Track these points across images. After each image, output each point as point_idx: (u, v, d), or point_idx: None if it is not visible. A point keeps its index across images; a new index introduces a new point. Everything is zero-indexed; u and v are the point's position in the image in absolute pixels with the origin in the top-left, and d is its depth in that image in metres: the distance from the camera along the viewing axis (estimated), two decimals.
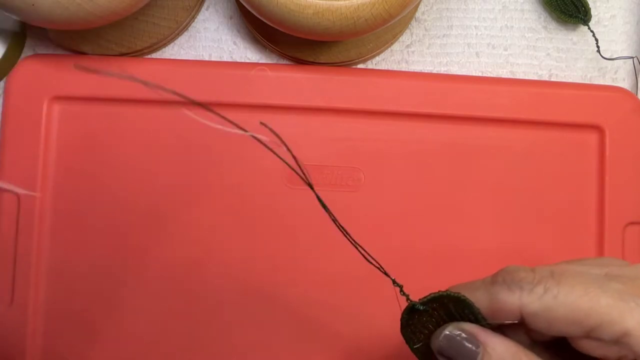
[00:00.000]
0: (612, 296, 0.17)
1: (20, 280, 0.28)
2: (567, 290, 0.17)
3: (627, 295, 0.17)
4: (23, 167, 0.29)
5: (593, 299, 0.17)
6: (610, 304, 0.17)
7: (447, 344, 0.19)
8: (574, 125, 0.30)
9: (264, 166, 0.30)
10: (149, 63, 0.30)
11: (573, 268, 0.19)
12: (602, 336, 0.17)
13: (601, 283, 0.18)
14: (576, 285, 0.18)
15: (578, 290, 0.17)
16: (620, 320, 0.17)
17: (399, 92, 0.30)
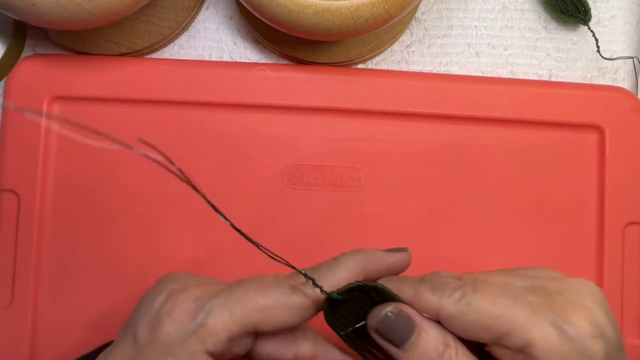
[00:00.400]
0: (523, 308, 0.19)
1: (20, 281, 0.28)
2: (481, 298, 0.19)
3: (538, 308, 0.19)
4: (23, 167, 0.29)
5: (504, 309, 0.19)
6: (519, 315, 0.18)
7: (385, 323, 0.20)
8: (574, 125, 0.30)
9: (263, 166, 0.30)
10: (149, 63, 0.30)
11: (497, 278, 0.20)
12: (509, 344, 0.19)
13: (517, 294, 0.19)
14: (491, 294, 0.19)
15: (491, 299, 0.19)
16: (527, 330, 0.18)
17: (399, 92, 0.30)
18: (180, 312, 0.20)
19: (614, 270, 0.30)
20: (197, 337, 0.19)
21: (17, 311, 0.28)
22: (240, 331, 0.20)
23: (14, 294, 0.28)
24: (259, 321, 0.20)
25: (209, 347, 0.19)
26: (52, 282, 0.29)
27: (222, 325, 0.19)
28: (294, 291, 0.21)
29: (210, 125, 0.30)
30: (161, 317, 0.20)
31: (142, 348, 0.20)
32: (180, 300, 0.20)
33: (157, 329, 0.20)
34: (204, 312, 0.20)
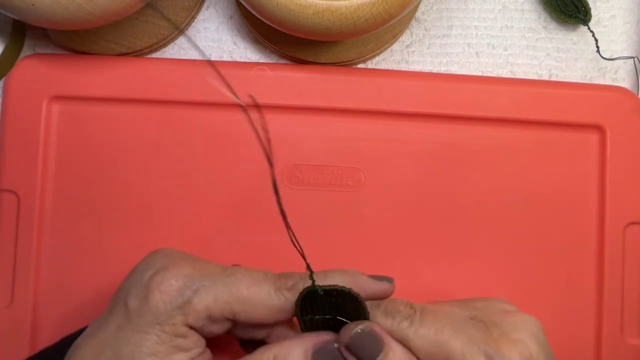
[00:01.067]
0: (462, 338, 0.21)
1: (20, 281, 0.28)
2: (426, 327, 0.21)
3: (475, 339, 0.21)
4: (23, 167, 0.29)
5: (445, 337, 0.21)
6: (457, 345, 0.21)
7: (356, 340, 0.21)
8: (575, 125, 0.30)
9: (263, 166, 0.30)
10: (148, 63, 0.30)
11: (445, 308, 0.23)
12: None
13: (459, 325, 0.22)
14: (435, 324, 0.21)
15: (435, 328, 0.21)
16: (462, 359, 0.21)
17: (400, 92, 0.30)
18: (170, 286, 0.21)
19: (614, 270, 0.30)
20: (182, 311, 0.21)
21: (17, 311, 0.28)
22: (219, 316, 0.22)
23: (14, 294, 0.28)
24: (239, 311, 0.22)
25: (190, 321, 0.21)
26: (52, 282, 0.29)
27: (204, 306, 0.21)
28: (277, 292, 0.22)
29: (210, 125, 0.30)
30: (152, 288, 0.21)
31: (132, 316, 0.21)
32: (170, 275, 0.22)
33: (147, 299, 0.21)
34: (192, 290, 0.21)
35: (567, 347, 0.30)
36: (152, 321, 0.21)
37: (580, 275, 0.30)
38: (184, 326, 0.21)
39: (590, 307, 0.30)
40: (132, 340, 0.21)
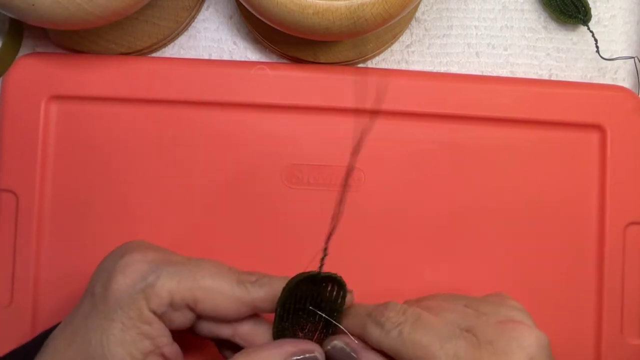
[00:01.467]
0: (447, 355, 0.21)
1: (19, 281, 0.28)
2: (414, 339, 0.21)
3: (463, 356, 0.21)
4: (21, 166, 0.29)
5: (429, 353, 0.21)
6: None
7: (334, 351, 0.23)
8: (576, 124, 0.30)
9: (263, 166, 0.30)
10: (147, 62, 0.30)
11: (439, 317, 0.22)
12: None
13: (449, 338, 0.21)
14: (423, 337, 0.21)
15: (423, 341, 0.21)
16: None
17: (400, 92, 0.29)
18: (133, 270, 0.22)
19: (615, 270, 0.30)
20: (144, 294, 0.21)
21: (16, 311, 0.28)
22: (181, 302, 0.21)
23: (14, 294, 0.28)
24: (200, 299, 0.22)
25: (153, 306, 0.21)
26: (51, 282, 0.29)
27: (167, 290, 0.21)
28: (239, 285, 0.22)
29: (209, 125, 0.30)
30: (116, 272, 0.22)
31: (98, 302, 0.22)
32: (135, 259, 0.22)
33: (110, 284, 0.21)
34: (155, 274, 0.21)
35: (567, 347, 0.30)
36: (115, 306, 0.21)
37: (581, 275, 0.30)
38: (148, 311, 0.21)
39: (590, 307, 0.30)
40: (99, 328, 0.21)
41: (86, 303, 0.22)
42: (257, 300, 0.22)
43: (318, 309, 0.23)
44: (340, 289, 0.23)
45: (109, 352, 0.20)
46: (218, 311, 0.22)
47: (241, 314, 0.22)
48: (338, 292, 0.23)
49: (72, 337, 0.21)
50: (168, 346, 0.22)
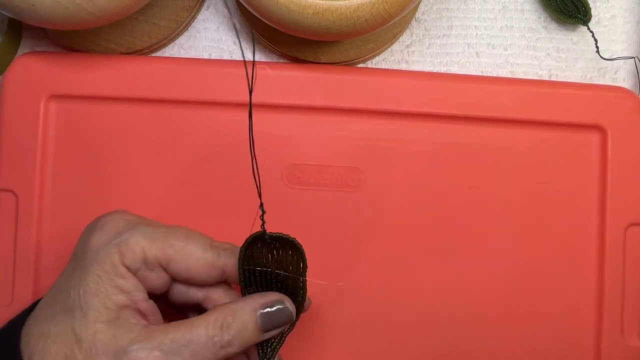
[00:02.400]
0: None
1: (20, 280, 0.28)
2: None
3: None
4: (21, 166, 0.29)
5: None
6: None
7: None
8: (576, 125, 0.30)
9: (263, 165, 0.30)
10: (147, 61, 0.30)
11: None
12: None
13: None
14: None
15: None
16: None
17: (401, 92, 0.29)
18: (110, 227, 0.23)
19: (615, 271, 0.30)
20: (118, 249, 0.22)
21: (18, 310, 0.28)
22: (154, 259, 0.22)
23: (14, 294, 0.28)
24: (173, 259, 0.22)
25: (126, 261, 0.22)
26: (51, 281, 0.28)
27: (140, 247, 0.22)
28: (211, 249, 0.23)
29: (209, 125, 0.29)
30: (94, 230, 0.23)
31: (78, 260, 0.23)
32: (113, 218, 0.23)
33: (88, 240, 0.23)
34: (130, 232, 0.22)
35: (567, 348, 0.30)
36: (92, 259, 0.22)
37: (581, 276, 0.30)
38: (121, 266, 0.22)
39: (590, 308, 0.30)
40: (78, 281, 0.22)
41: (71, 262, 0.23)
42: (227, 265, 0.23)
43: (284, 277, 0.23)
44: (299, 253, 0.23)
45: (85, 303, 0.21)
46: (190, 272, 0.23)
47: (212, 278, 0.23)
48: (298, 257, 0.23)
49: (57, 292, 0.22)
50: (143, 302, 0.22)
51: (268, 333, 0.22)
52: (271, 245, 0.23)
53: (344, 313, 0.29)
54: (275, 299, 0.23)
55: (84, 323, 0.21)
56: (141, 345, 0.21)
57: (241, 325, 0.22)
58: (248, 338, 0.22)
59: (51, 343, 0.21)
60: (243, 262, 0.23)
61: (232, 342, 0.22)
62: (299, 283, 0.23)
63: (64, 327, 0.21)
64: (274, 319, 0.22)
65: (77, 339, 0.21)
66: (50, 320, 0.21)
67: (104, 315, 0.21)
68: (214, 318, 0.22)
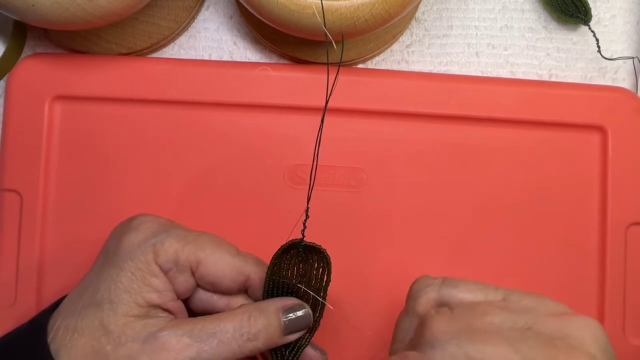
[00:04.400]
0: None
1: (23, 280, 0.28)
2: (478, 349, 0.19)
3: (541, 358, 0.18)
4: (25, 166, 0.29)
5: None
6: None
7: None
8: (577, 125, 0.30)
9: (266, 166, 0.30)
10: (151, 62, 0.30)
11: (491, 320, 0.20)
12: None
13: (516, 340, 0.19)
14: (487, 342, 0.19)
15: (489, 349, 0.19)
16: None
17: (403, 93, 0.29)
18: (145, 227, 0.23)
19: (616, 271, 0.30)
20: (153, 249, 0.22)
21: (20, 311, 0.28)
22: (185, 262, 0.23)
23: (17, 294, 0.28)
24: (203, 262, 0.23)
25: (160, 261, 0.22)
26: (55, 281, 0.29)
27: (174, 248, 0.23)
28: (239, 255, 0.24)
29: (212, 125, 0.30)
30: (129, 229, 0.23)
31: (110, 255, 0.23)
32: (148, 220, 0.24)
33: (123, 239, 0.23)
34: (165, 233, 0.23)
35: None
36: (126, 257, 0.22)
37: (582, 275, 0.30)
38: (155, 264, 0.22)
39: (592, 308, 0.30)
40: (108, 277, 0.22)
41: (100, 259, 0.24)
42: (252, 272, 0.24)
43: (305, 292, 0.24)
44: (326, 265, 0.24)
45: (116, 297, 0.22)
46: (217, 276, 0.23)
47: (237, 284, 0.24)
48: (324, 269, 0.24)
49: (84, 289, 0.23)
50: (173, 302, 0.23)
51: (288, 336, 0.23)
52: (300, 257, 0.24)
53: (344, 313, 0.29)
54: (296, 303, 0.23)
55: (112, 315, 0.21)
56: (171, 331, 0.21)
57: (267, 321, 0.22)
58: (272, 335, 0.22)
59: (78, 336, 0.21)
60: (271, 272, 0.23)
61: (258, 335, 0.22)
62: (319, 301, 0.24)
63: (91, 320, 0.21)
64: (295, 321, 0.23)
65: (105, 331, 0.21)
66: (77, 314, 0.22)
67: (134, 310, 0.22)
68: (241, 312, 0.22)
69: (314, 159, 0.23)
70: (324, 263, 0.24)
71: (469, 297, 0.22)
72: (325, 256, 0.24)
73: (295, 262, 0.24)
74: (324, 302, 0.24)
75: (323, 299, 0.24)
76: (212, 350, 0.21)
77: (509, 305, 0.21)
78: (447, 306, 0.22)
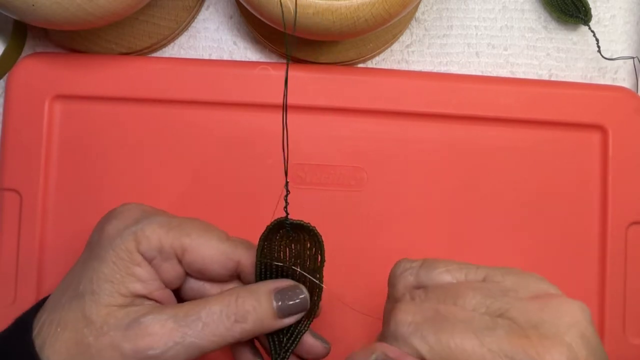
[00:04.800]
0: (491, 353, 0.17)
1: (23, 279, 0.28)
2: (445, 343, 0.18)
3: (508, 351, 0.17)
4: (25, 165, 0.29)
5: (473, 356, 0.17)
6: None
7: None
8: (578, 125, 0.30)
9: (265, 165, 0.30)
10: (151, 62, 0.30)
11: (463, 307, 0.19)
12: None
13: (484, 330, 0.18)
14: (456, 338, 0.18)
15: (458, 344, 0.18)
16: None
17: (403, 92, 0.29)
18: (127, 215, 0.22)
19: (617, 270, 0.30)
20: (135, 236, 0.21)
21: (20, 309, 0.28)
22: (170, 249, 0.22)
23: (17, 293, 0.28)
24: (189, 248, 0.22)
25: (142, 249, 0.21)
26: (54, 280, 0.29)
27: (157, 235, 0.22)
28: (228, 240, 0.23)
29: (212, 125, 0.29)
30: (111, 218, 0.23)
31: (93, 247, 0.22)
32: (130, 207, 0.23)
33: (105, 227, 0.22)
34: (147, 220, 0.22)
35: None
36: (107, 246, 0.21)
37: (583, 275, 0.30)
38: (137, 253, 0.21)
39: (592, 307, 0.30)
40: (91, 268, 0.21)
41: (84, 252, 0.23)
42: (243, 257, 0.23)
43: (300, 274, 0.22)
44: (318, 243, 0.22)
45: (98, 287, 0.21)
46: (205, 263, 0.22)
47: (227, 270, 0.23)
48: (317, 249, 0.22)
49: (69, 282, 0.22)
50: (160, 290, 0.22)
51: (284, 319, 0.22)
52: (290, 237, 0.22)
53: (344, 313, 0.29)
54: (290, 284, 0.22)
55: (94, 306, 0.21)
56: (154, 315, 0.20)
57: (256, 302, 0.21)
58: (263, 317, 0.21)
59: (61, 330, 0.20)
60: (261, 254, 0.22)
61: (246, 317, 0.21)
62: (315, 284, 0.22)
63: (74, 312, 0.21)
64: (289, 302, 0.22)
65: (87, 322, 0.20)
66: (60, 308, 0.21)
67: (117, 300, 0.21)
68: (228, 293, 0.21)
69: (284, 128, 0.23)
70: (315, 242, 0.22)
71: (448, 278, 0.21)
72: (316, 234, 0.22)
73: (286, 242, 0.23)
74: (321, 285, 0.22)
75: (320, 281, 0.22)
76: (197, 334, 0.20)
77: (488, 286, 0.20)
78: (423, 289, 0.20)
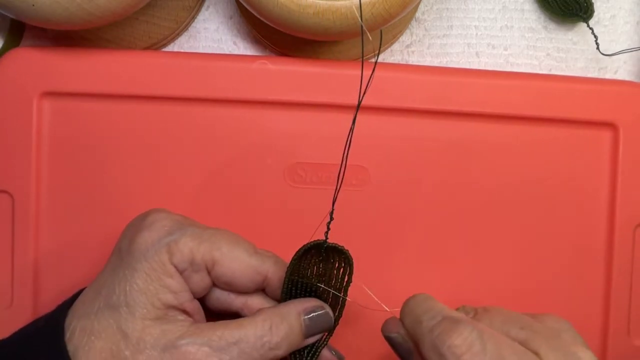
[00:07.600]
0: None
1: (19, 282, 0.28)
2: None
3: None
4: (15, 166, 0.28)
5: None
6: None
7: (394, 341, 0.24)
8: (588, 122, 0.29)
9: (265, 164, 0.29)
10: (144, 56, 0.29)
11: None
12: None
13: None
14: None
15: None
16: None
17: (406, 88, 0.29)
18: (160, 226, 0.23)
19: (623, 271, 0.29)
20: (168, 248, 0.22)
21: (17, 312, 0.28)
22: (201, 261, 0.22)
23: (14, 296, 0.28)
24: (219, 261, 0.22)
25: (175, 260, 0.22)
26: (51, 282, 0.28)
27: (189, 247, 0.22)
28: (256, 254, 0.23)
29: (210, 122, 0.29)
30: (142, 228, 0.23)
31: (124, 255, 0.23)
32: (161, 217, 0.23)
33: (136, 238, 0.22)
34: (180, 232, 0.22)
35: None
36: (140, 257, 0.22)
37: (588, 275, 0.30)
38: (170, 265, 0.22)
39: (597, 308, 0.29)
40: (123, 278, 0.22)
41: (113, 259, 0.23)
42: (270, 271, 0.23)
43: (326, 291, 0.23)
44: (347, 266, 0.23)
45: (132, 300, 0.21)
46: (234, 276, 0.23)
47: (254, 283, 0.23)
48: (345, 270, 0.23)
49: (98, 290, 0.22)
50: (189, 302, 0.23)
51: (309, 339, 0.23)
52: (320, 256, 0.23)
53: (345, 312, 0.29)
54: (316, 305, 0.23)
55: (130, 319, 0.21)
56: (191, 339, 0.21)
57: (289, 329, 0.22)
58: (294, 341, 0.22)
59: (95, 339, 0.21)
60: (292, 272, 0.23)
61: (280, 344, 0.22)
62: (339, 300, 0.23)
63: (108, 323, 0.21)
64: (316, 324, 0.23)
65: (123, 335, 0.21)
66: (92, 316, 0.21)
67: (151, 313, 0.21)
68: (262, 319, 0.22)
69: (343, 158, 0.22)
70: (345, 263, 0.23)
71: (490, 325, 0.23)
72: (348, 257, 0.23)
73: (315, 261, 0.23)
74: (344, 302, 0.23)
75: (343, 299, 0.23)
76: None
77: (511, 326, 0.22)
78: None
